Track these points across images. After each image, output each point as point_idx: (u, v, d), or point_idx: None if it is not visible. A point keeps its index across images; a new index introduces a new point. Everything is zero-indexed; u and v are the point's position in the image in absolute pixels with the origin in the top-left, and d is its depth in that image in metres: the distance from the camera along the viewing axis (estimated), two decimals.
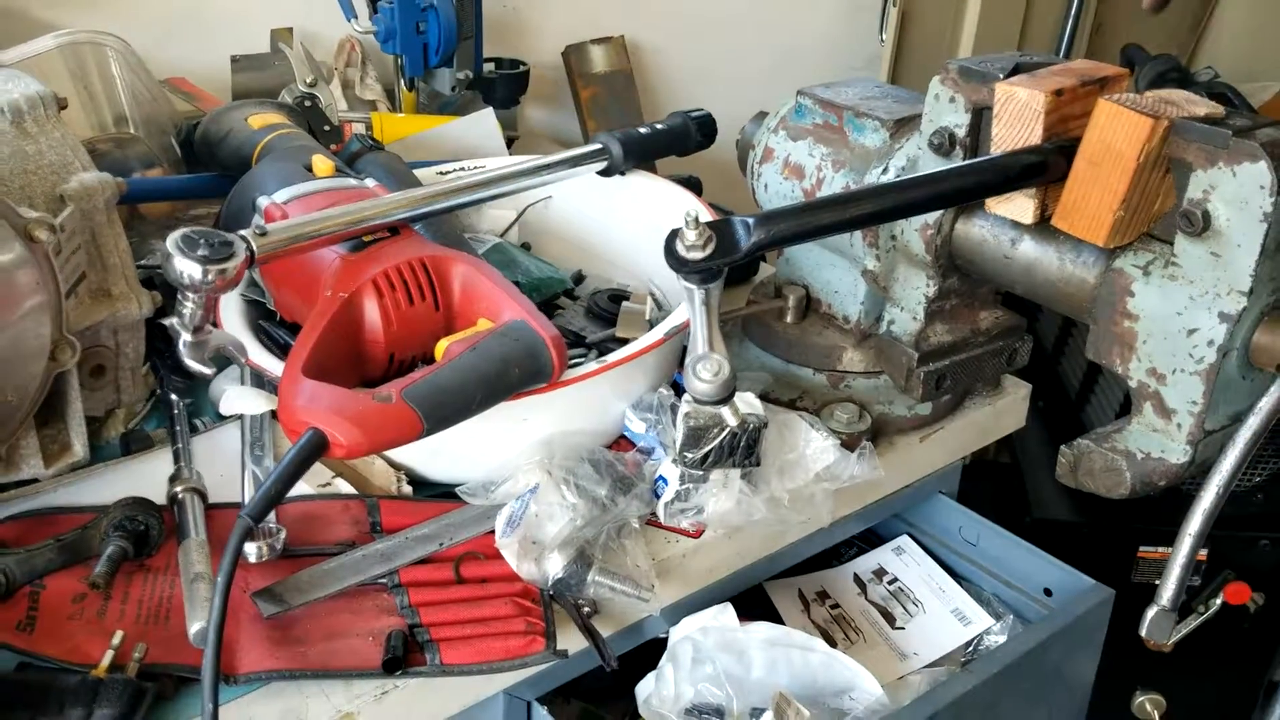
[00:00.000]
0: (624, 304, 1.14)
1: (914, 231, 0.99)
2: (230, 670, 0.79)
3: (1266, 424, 0.76)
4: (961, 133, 0.93)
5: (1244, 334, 0.78)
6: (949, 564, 1.20)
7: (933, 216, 0.96)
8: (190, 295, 0.83)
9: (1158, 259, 0.82)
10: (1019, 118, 0.84)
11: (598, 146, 1.21)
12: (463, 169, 1.25)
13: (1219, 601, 1.60)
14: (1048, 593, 1.12)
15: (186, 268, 0.80)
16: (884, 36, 2.20)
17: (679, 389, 0.93)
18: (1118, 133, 0.78)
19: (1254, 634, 1.69)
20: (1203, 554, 1.63)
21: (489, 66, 1.67)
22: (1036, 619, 1.10)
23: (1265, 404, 0.76)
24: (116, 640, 0.79)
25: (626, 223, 1.24)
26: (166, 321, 0.86)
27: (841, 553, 1.23)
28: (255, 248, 0.85)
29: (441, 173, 1.24)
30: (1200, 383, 0.79)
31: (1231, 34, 2.61)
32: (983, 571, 1.17)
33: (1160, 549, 1.63)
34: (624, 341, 1.03)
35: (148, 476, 0.96)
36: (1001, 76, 0.87)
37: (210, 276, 0.80)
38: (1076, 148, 0.81)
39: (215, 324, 0.91)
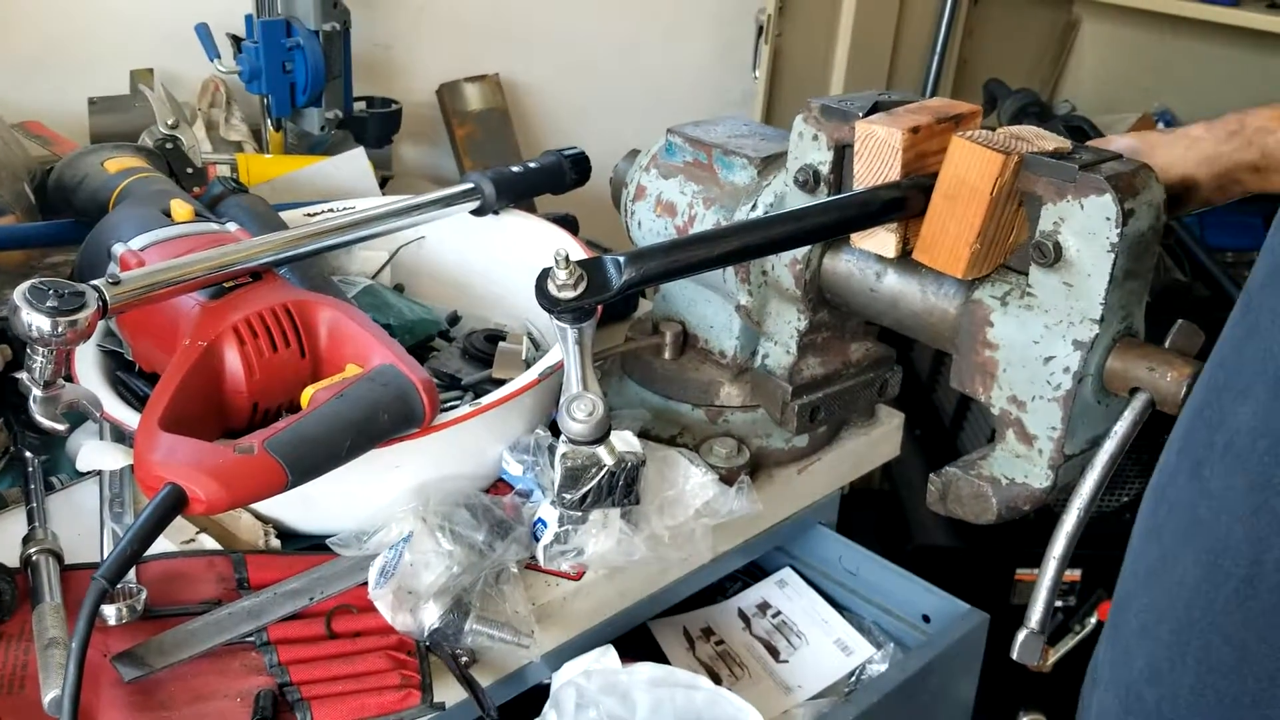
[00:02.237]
0: (500, 344, 1.13)
1: (784, 267, 1.00)
2: None
3: (1123, 447, 0.79)
4: (825, 170, 0.94)
5: (1097, 360, 0.80)
6: (831, 594, 1.21)
7: (801, 252, 0.98)
8: (40, 349, 0.79)
9: (1014, 290, 0.84)
10: (878, 155, 0.85)
11: (469, 186, 1.20)
12: (331, 210, 1.23)
13: (1094, 620, 1.65)
14: (926, 619, 1.14)
15: (35, 320, 0.77)
16: (757, 73, 2.24)
17: (557, 430, 0.92)
18: (971, 168, 0.80)
19: None
20: (1076, 574, 1.68)
21: (360, 105, 1.65)
22: (916, 646, 1.11)
23: (1120, 428, 0.78)
24: None
25: (502, 262, 1.23)
26: (18, 376, 0.83)
27: (726, 588, 1.23)
28: (108, 298, 0.82)
29: (309, 214, 1.22)
30: (1058, 409, 0.81)
31: (1090, 69, 2.73)
32: (863, 601, 1.19)
33: (1036, 570, 1.67)
34: (501, 382, 1.02)
35: (0, 538, 0.91)
36: (861, 115, 0.89)
37: (60, 329, 0.77)
38: (934, 183, 0.83)
39: (69, 378, 0.87)
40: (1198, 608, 0.49)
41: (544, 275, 0.84)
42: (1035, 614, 0.81)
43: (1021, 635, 0.81)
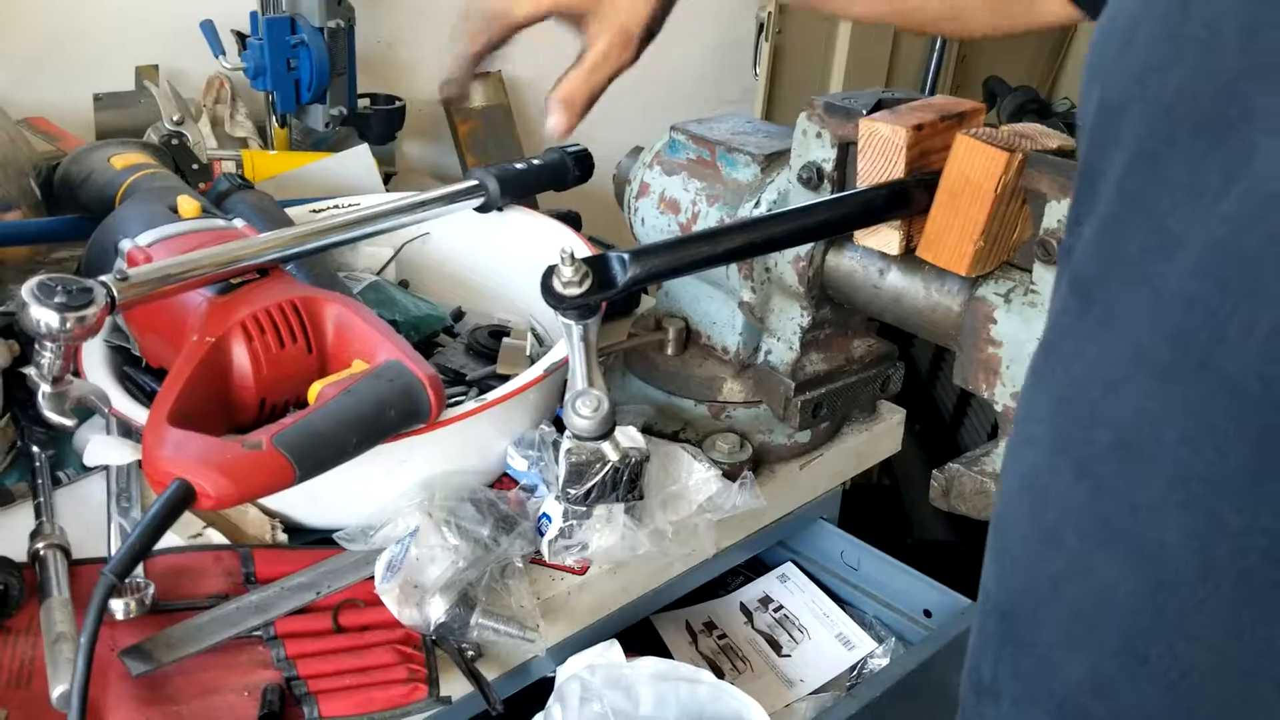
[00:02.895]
0: (504, 340, 1.13)
1: (787, 264, 1.00)
2: None
3: None
4: (829, 167, 0.95)
5: None
6: (832, 589, 1.21)
7: (804, 249, 0.98)
8: (48, 344, 0.80)
9: (1018, 287, 0.84)
10: (882, 152, 0.86)
11: (474, 183, 1.21)
12: (336, 206, 1.23)
13: None
14: (927, 614, 1.14)
15: (43, 316, 0.77)
16: (758, 71, 2.24)
17: (561, 425, 0.93)
18: (975, 166, 0.80)
19: None
20: None
21: (364, 102, 1.66)
22: (917, 640, 1.12)
23: None
24: None
25: (506, 258, 1.24)
26: (26, 371, 0.84)
27: (728, 582, 1.24)
28: (116, 294, 0.82)
29: (315, 210, 1.22)
30: None
31: None
32: (865, 595, 1.19)
33: None
34: (505, 378, 1.03)
35: (7, 533, 0.92)
36: (865, 112, 0.89)
37: (68, 325, 0.78)
38: (937, 181, 0.83)
39: (77, 373, 0.88)
40: (1146, 614, 0.47)
41: (549, 272, 0.84)
42: None
43: None
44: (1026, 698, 0.53)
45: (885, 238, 0.89)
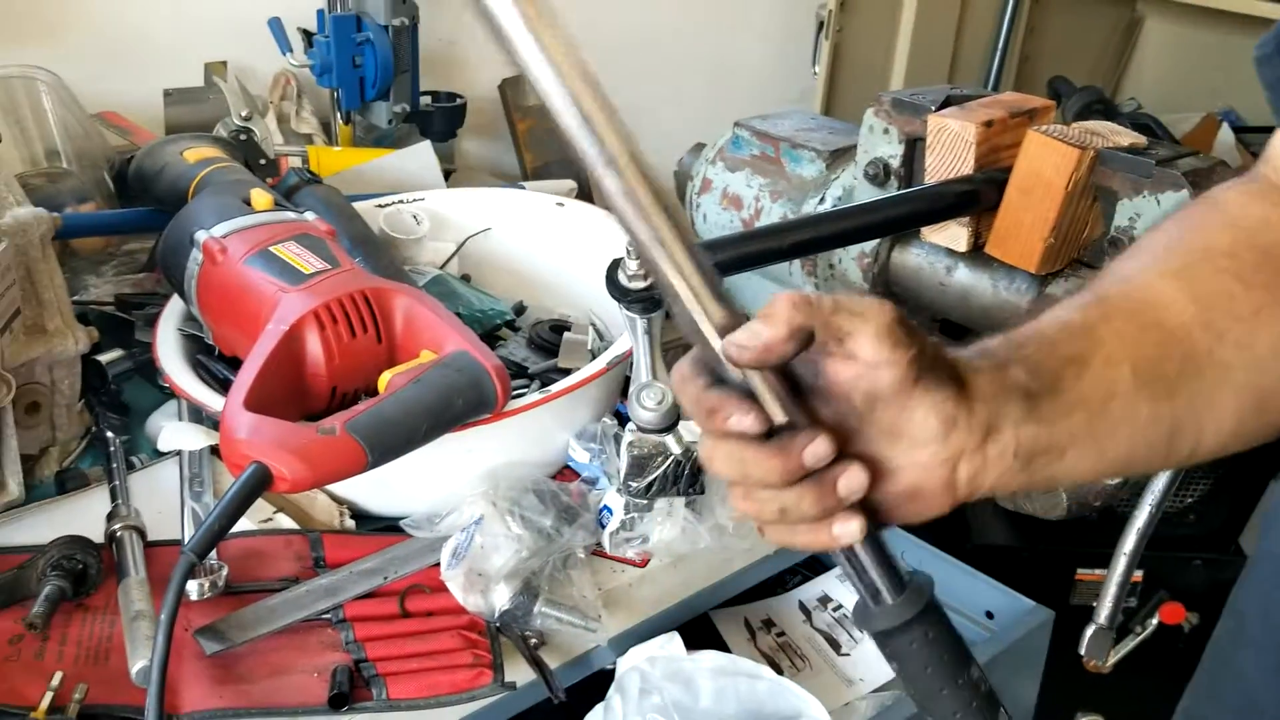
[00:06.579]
0: (565, 334, 1.14)
1: (851, 260, 1.00)
2: (173, 709, 0.77)
3: None
4: (895, 163, 0.95)
5: None
6: None
7: (870, 245, 0.98)
8: None
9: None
10: (951, 149, 0.86)
11: None
12: (401, 202, 1.25)
13: (1155, 622, 1.63)
14: (989, 615, 1.13)
15: None
16: (817, 69, 2.24)
17: (622, 418, 0.94)
18: (1046, 162, 0.80)
19: (1188, 653, 1.71)
20: (1138, 575, 1.65)
21: (426, 99, 1.67)
22: (979, 641, 1.11)
23: None
24: (56, 681, 0.78)
25: (568, 253, 1.24)
26: (100, 359, 0.85)
27: (786, 581, 1.24)
28: None
29: (379, 206, 1.24)
30: None
31: (1153, 67, 2.69)
32: None
33: (1097, 571, 1.64)
34: (566, 372, 1.03)
35: (84, 515, 0.94)
36: (933, 108, 0.89)
37: None
38: (1007, 177, 0.83)
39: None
40: None
41: (615, 266, 0.85)
42: (1104, 610, 0.81)
43: (1090, 631, 0.82)
44: None
45: (953, 234, 0.89)
